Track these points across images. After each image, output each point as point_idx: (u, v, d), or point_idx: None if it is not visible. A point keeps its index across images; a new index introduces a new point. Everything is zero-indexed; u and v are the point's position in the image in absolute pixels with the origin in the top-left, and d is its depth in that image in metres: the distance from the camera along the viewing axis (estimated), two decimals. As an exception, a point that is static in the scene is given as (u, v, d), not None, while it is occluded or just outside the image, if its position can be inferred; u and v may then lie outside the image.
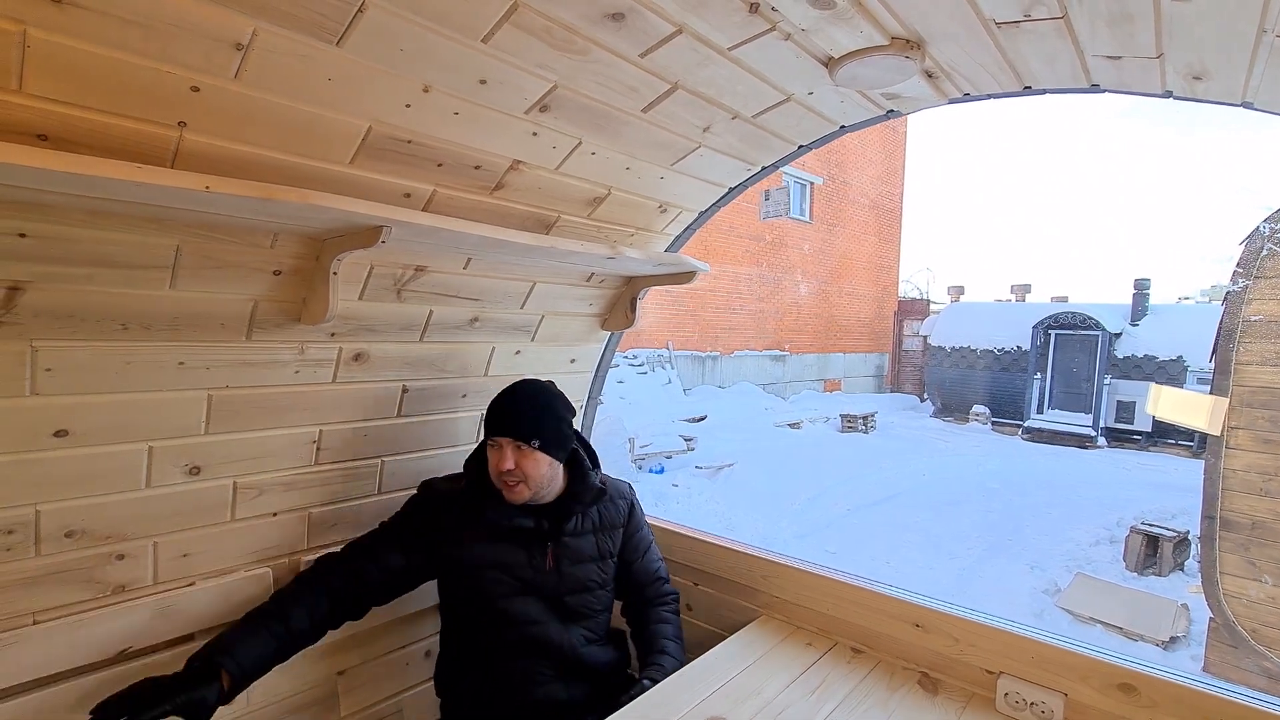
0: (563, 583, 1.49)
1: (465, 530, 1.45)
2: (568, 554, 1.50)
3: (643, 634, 1.59)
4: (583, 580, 1.51)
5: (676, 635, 1.58)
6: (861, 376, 18.51)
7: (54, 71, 0.80)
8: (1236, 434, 3.68)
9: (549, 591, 1.47)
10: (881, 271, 18.85)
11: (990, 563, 6.30)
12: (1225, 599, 3.81)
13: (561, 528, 1.50)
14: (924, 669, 1.42)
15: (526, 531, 1.46)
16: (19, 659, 1.14)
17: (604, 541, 1.57)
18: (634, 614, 1.64)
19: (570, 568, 1.50)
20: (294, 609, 1.32)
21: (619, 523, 1.60)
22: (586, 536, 1.54)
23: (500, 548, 1.45)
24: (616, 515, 1.60)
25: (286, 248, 1.19)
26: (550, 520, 1.49)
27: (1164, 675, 1.15)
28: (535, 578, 1.46)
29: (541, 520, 1.48)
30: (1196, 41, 0.98)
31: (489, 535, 1.45)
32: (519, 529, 1.46)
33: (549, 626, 1.46)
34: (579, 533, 1.53)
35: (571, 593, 1.50)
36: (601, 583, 1.55)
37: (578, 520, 1.52)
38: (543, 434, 1.42)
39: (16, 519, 1.10)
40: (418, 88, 1.04)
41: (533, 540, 1.47)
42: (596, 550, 1.55)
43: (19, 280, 0.96)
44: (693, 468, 8.77)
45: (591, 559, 1.54)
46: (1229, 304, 3.77)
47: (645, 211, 1.65)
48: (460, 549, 1.45)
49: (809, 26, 1.06)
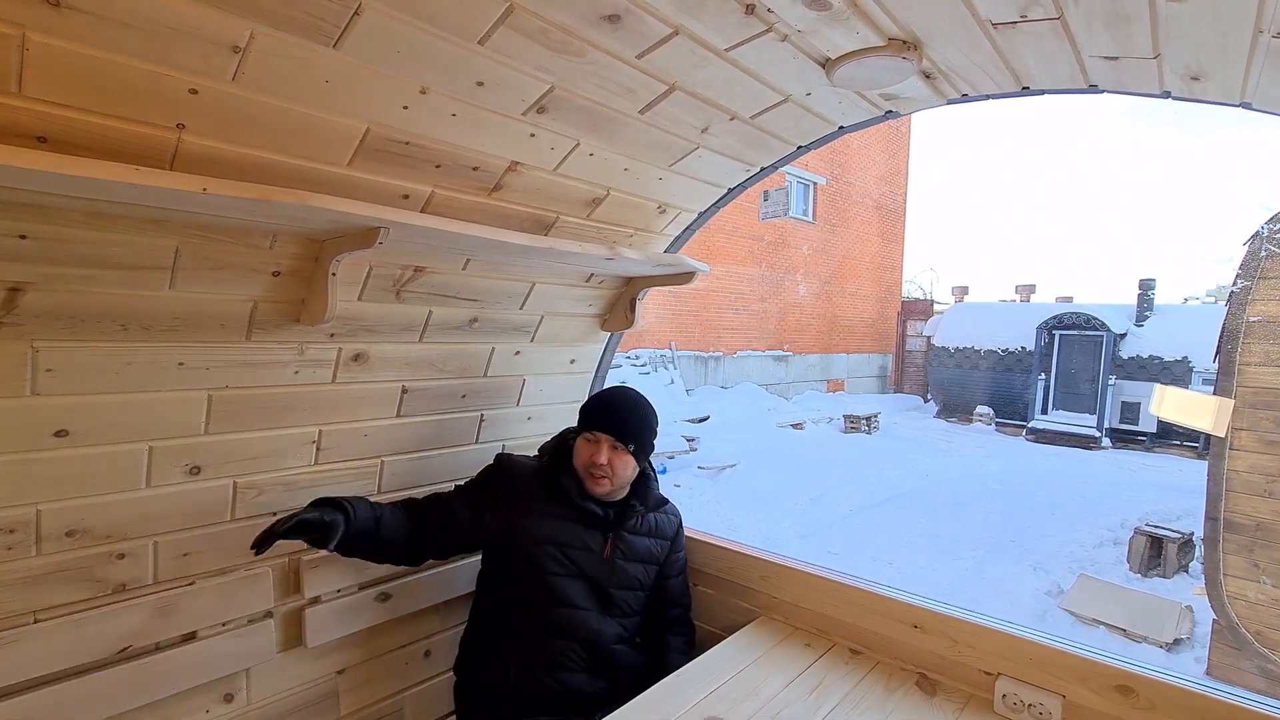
0: (614, 575, 1.56)
1: (535, 501, 1.54)
2: (624, 548, 1.58)
3: (656, 659, 1.63)
4: (632, 577, 1.59)
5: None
6: (865, 377, 18.47)
7: (53, 74, 0.81)
8: (1240, 435, 3.66)
9: (599, 580, 1.54)
10: (885, 271, 18.81)
11: (993, 564, 6.28)
12: (1229, 601, 3.79)
13: (624, 522, 1.58)
14: (922, 670, 1.42)
15: (592, 516, 1.55)
16: (20, 657, 1.15)
17: (655, 548, 1.64)
18: (652, 633, 1.68)
19: (623, 562, 1.57)
20: (385, 510, 1.43)
21: (669, 534, 1.68)
22: (642, 538, 1.63)
23: (563, 526, 1.53)
24: (668, 527, 1.69)
25: (285, 249, 1.20)
26: (615, 513, 1.58)
27: (1162, 677, 1.15)
28: (590, 563, 1.53)
29: (608, 511, 1.57)
30: (1193, 42, 0.98)
31: (557, 512, 1.53)
32: (587, 511, 1.54)
33: (590, 614, 1.53)
34: (637, 532, 1.61)
35: (619, 587, 1.57)
36: (645, 585, 1.62)
37: (638, 520, 1.61)
38: (639, 441, 1.55)
39: (18, 518, 1.10)
40: (415, 89, 1.05)
41: (596, 526, 1.55)
42: (648, 553, 1.63)
43: (20, 281, 0.97)
44: (695, 468, 8.76)
45: (643, 560, 1.61)
46: (1231, 305, 3.75)
47: (644, 212, 1.66)
48: (526, 517, 1.52)
49: (805, 28, 1.06)
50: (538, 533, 1.51)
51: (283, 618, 1.51)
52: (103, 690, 1.24)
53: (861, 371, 18.33)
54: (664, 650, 1.65)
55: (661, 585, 1.67)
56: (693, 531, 1.87)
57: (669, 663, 1.60)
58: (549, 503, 1.54)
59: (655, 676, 1.51)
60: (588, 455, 1.52)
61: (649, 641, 1.68)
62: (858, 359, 18.14)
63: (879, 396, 17.75)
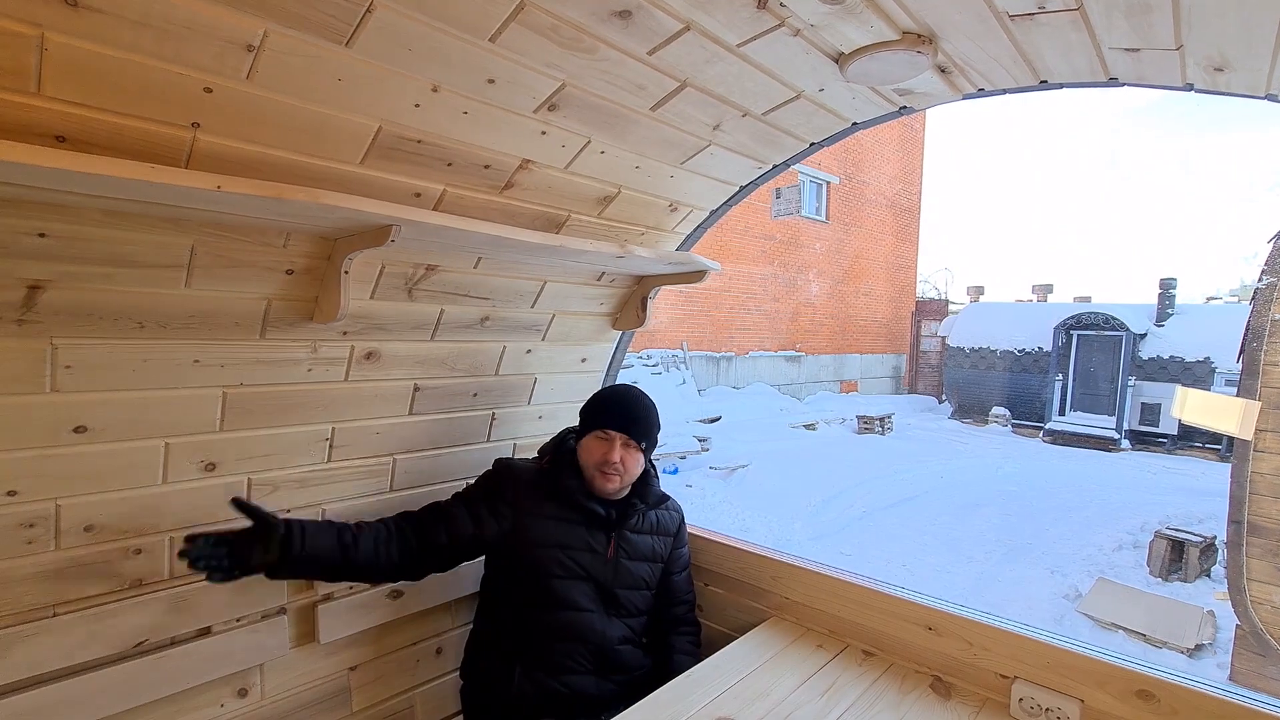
0: (618, 575, 1.55)
1: (537, 504, 1.52)
2: (627, 547, 1.57)
3: (662, 660, 1.62)
4: (637, 577, 1.58)
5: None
6: (878, 377, 18.33)
7: (71, 74, 0.82)
8: (1265, 437, 3.58)
9: (604, 581, 1.53)
10: (899, 271, 18.66)
11: (1009, 566, 6.20)
12: (1253, 606, 3.71)
13: (626, 521, 1.58)
14: (937, 673, 1.40)
15: (596, 517, 1.53)
16: (40, 650, 1.17)
17: (658, 545, 1.64)
18: (657, 633, 1.67)
19: (627, 561, 1.56)
20: (364, 533, 1.39)
21: (671, 531, 1.67)
22: (645, 537, 1.61)
23: (566, 528, 1.52)
24: (670, 524, 1.68)
25: (299, 247, 1.21)
26: (618, 513, 1.57)
27: (1184, 682, 1.13)
28: (594, 564, 1.52)
29: (611, 511, 1.56)
30: (1216, 32, 0.95)
31: (559, 514, 1.52)
32: (590, 512, 1.53)
33: (594, 616, 1.52)
34: (639, 530, 1.60)
35: (624, 587, 1.56)
36: (650, 584, 1.61)
37: (639, 518, 1.60)
38: (649, 439, 1.56)
39: (38, 513, 1.12)
40: (427, 87, 1.05)
41: (599, 527, 1.54)
42: (652, 551, 1.62)
43: (39, 279, 0.99)
44: (707, 468, 8.74)
45: (647, 558, 1.60)
46: (1257, 303, 3.67)
47: (655, 210, 1.65)
48: (529, 520, 1.50)
49: (818, 22, 1.05)
50: (541, 536, 1.50)
51: (296, 614, 1.52)
52: (119, 684, 1.26)
53: (875, 372, 18.18)
54: (669, 653, 1.63)
55: (665, 582, 1.66)
56: (704, 531, 1.86)
57: (675, 664, 1.59)
58: (551, 505, 1.52)
59: (662, 679, 1.50)
60: (601, 454, 1.51)
61: (654, 643, 1.67)
62: (871, 359, 18.00)
63: (893, 397, 17.61)
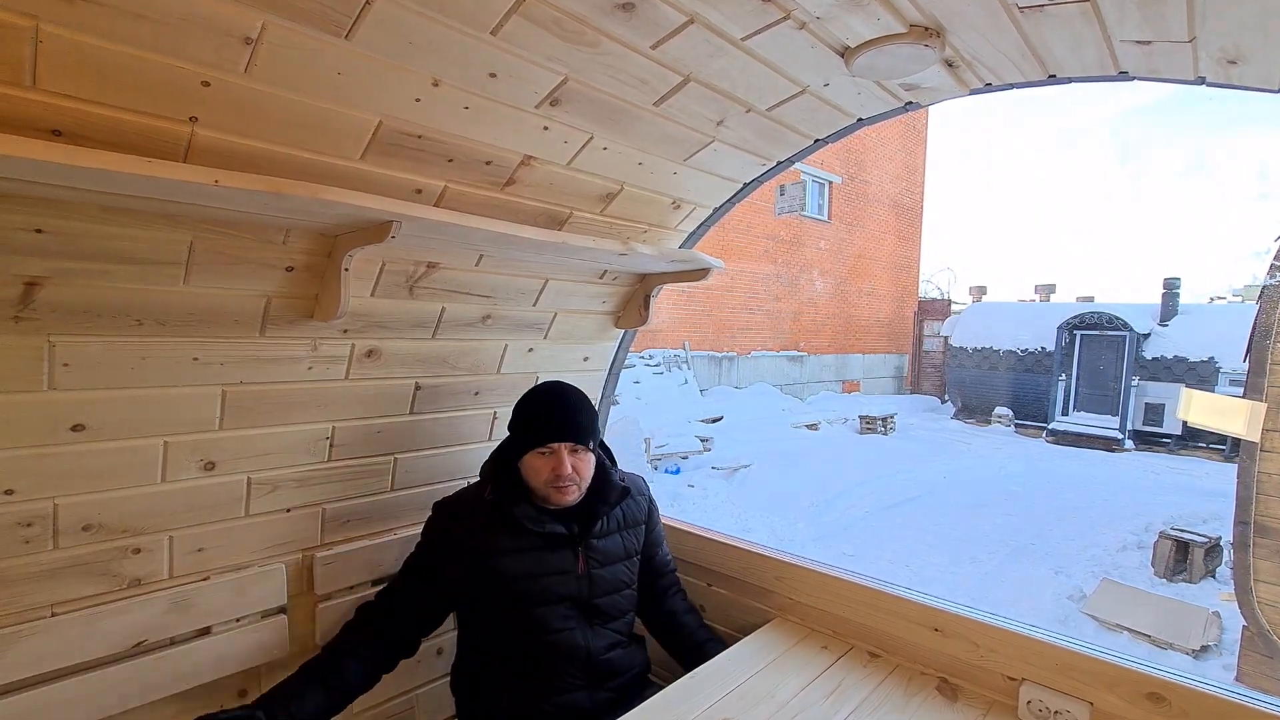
0: (594, 587, 1.47)
1: (493, 541, 1.41)
2: (598, 556, 1.49)
3: (672, 624, 1.64)
4: (613, 581, 1.51)
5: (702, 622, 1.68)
6: (881, 377, 18.29)
7: (67, 67, 0.81)
8: (1272, 437, 3.55)
9: (580, 597, 1.45)
10: (901, 271, 18.62)
11: (1013, 567, 6.18)
12: (1260, 607, 3.68)
13: (590, 530, 1.49)
14: (943, 674, 1.38)
15: (557, 539, 1.44)
16: (37, 650, 1.16)
17: (629, 540, 1.57)
18: (652, 605, 1.66)
19: (600, 570, 1.49)
20: (346, 661, 1.32)
21: (641, 519, 1.61)
22: (613, 537, 1.54)
23: (530, 557, 1.42)
24: (638, 512, 1.61)
25: (298, 244, 1.19)
26: (580, 524, 1.48)
27: (1196, 685, 1.11)
28: (566, 584, 1.44)
29: (572, 525, 1.47)
30: (1231, 23, 0.94)
31: (517, 545, 1.42)
32: (551, 536, 1.43)
33: (576, 632, 1.44)
34: (606, 533, 1.52)
35: (602, 595, 1.49)
36: (629, 581, 1.56)
37: (604, 522, 1.52)
38: (594, 434, 1.46)
39: (35, 512, 1.11)
40: (427, 81, 1.04)
41: (563, 546, 1.45)
42: (623, 549, 1.55)
43: (36, 275, 0.97)
44: (709, 468, 8.72)
45: (621, 559, 1.54)
46: (1264, 301, 3.64)
47: (658, 207, 1.64)
48: (489, 561, 1.40)
49: (824, 15, 1.04)
50: (504, 572, 1.40)
51: (296, 614, 1.51)
52: (118, 684, 1.25)
53: (877, 372, 18.15)
54: (676, 624, 1.64)
55: (649, 565, 1.64)
56: (707, 531, 1.84)
57: (682, 625, 1.61)
58: (507, 538, 1.41)
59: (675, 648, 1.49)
60: (549, 471, 1.40)
61: (655, 618, 1.66)
62: (873, 359, 17.97)
63: (895, 397, 17.57)
